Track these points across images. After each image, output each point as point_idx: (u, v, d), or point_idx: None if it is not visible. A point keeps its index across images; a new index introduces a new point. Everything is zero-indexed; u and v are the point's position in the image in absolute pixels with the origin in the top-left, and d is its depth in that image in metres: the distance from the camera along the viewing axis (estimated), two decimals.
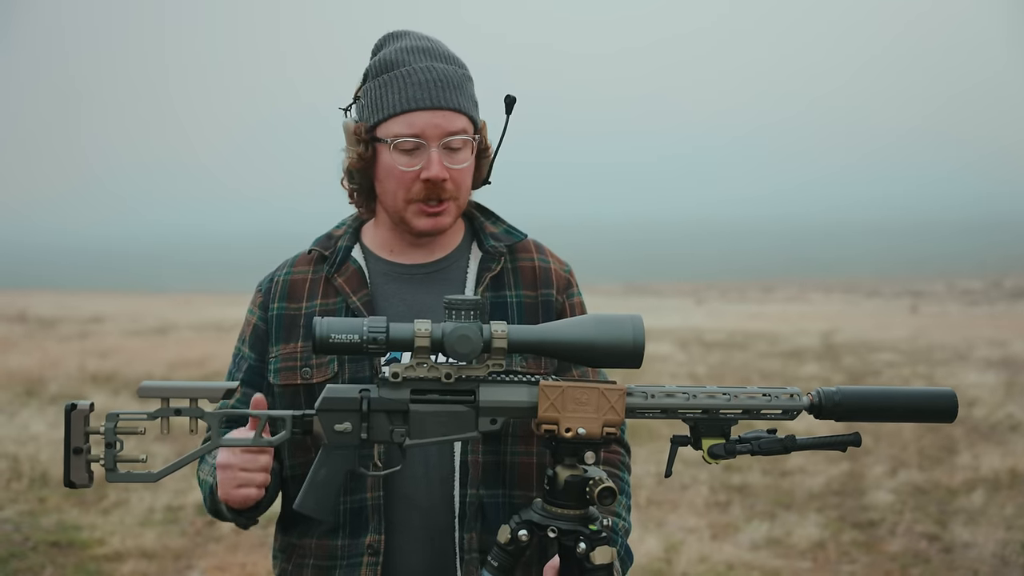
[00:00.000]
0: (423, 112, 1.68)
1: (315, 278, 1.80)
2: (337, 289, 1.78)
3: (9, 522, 5.54)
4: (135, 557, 5.09)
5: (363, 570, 1.69)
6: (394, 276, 1.80)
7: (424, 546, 1.72)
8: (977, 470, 6.87)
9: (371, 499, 1.70)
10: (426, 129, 1.68)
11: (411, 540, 1.72)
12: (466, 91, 1.73)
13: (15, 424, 8.02)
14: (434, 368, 1.50)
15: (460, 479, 1.71)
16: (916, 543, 5.45)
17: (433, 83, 1.69)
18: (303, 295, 1.80)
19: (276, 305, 1.80)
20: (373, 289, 1.78)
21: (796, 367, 12.49)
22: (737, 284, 45.13)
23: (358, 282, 1.78)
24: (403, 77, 1.70)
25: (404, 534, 1.72)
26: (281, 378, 1.75)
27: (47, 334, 17.05)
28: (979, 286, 36.76)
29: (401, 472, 1.68)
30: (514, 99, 1.77)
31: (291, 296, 1.80)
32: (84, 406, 1.48)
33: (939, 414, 1.53)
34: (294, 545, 1.77)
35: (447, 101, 1.69)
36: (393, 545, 1.71)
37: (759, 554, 5.28)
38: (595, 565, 1.50)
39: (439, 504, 1.72)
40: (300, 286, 1.80)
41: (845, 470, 7.00)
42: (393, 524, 1.71)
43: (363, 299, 1.76)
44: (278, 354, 1.77)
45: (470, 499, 1.71)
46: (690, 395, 1.51)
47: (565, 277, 1.87)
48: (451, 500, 1.72)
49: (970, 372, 11.54)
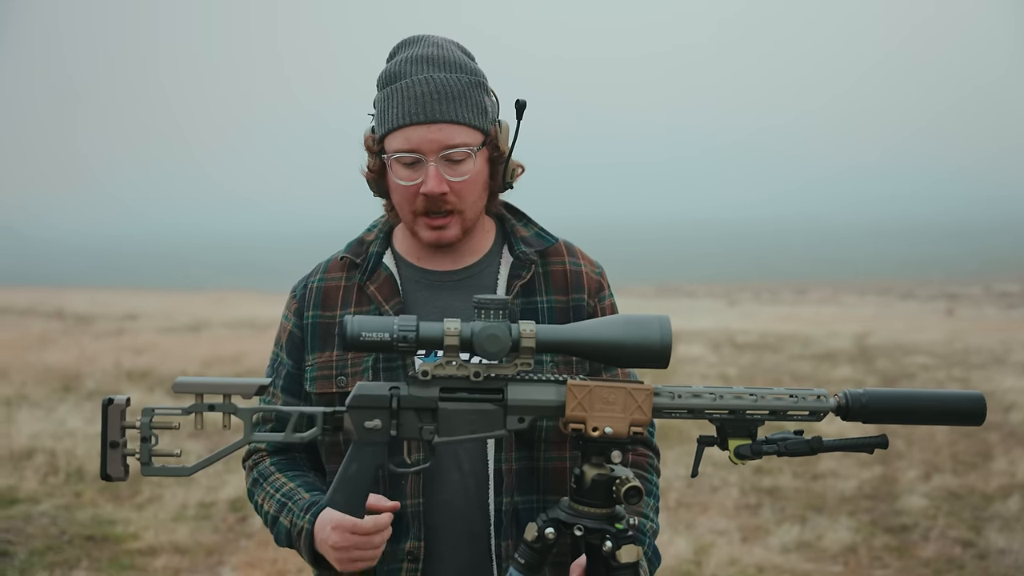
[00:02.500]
0: (419, 127, 1.67)
1: (348, 285, 1.81)
2: (370, 297, 1.78)
3: (46, 515, 5.63)
4: (168, 552, 5.16)
5: (403, 575, 1.71)
6: (426, 284, 1.80)
7: (461, 553, 1.73)
8: (1013, 476, 6.79)
9: (411, 506, 1.71)
10: (422, 144, 1.67)
11: (449, 546, 1.72)
12: (469, 100, 1.69)
13: (52, 419, 8.14)
14: (463, 367, 1.51)
15: (495, 487, 1.72)
16: (950, 549, 5.39)
17: (429, 96, 1.67)
18: (337, 303, 1.80)
19: (311, 313, 1.80)
20: (405, 296, 1.78)
21: (829, 370, 12.39)
22: (770, 286, 44.82)
23: (390, 290, 1.78)
24: (402, 90, 1.69)
25: (443, 540, 1.72)
26: (317, 386, 1.76)
27: (84, 331, 17.29)
28: (1017, 289, 36.24)
29: (438, 478, 1.70)
30: (524, 103, 1.74)
31: (325, 304, 1.80)
32: (121, 401, 1.51)
33: (968, 417, 1.52)
34: None
35: (443, 114, 1.67)
36: (431, 551, 1.72)
37: (789, 557, 5.25)
38: (621, 564, 1.51)
39: (475, 510, 1.72)
40: (334, 293, 1.80)
41: (878, 474, 6.94)
42: (432, 530, 1.72)
43: (395, 307, 1.76)
44: (314, 362, 1.78)
45: (505, 506, 1.71)
46: (717, 396, 1.52)
47: (596, 280, 1.86)
48: (486, 507, 1.72)
49: (1007, 376, 11.38)
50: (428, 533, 1.71)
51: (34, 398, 9.40)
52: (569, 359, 1.74)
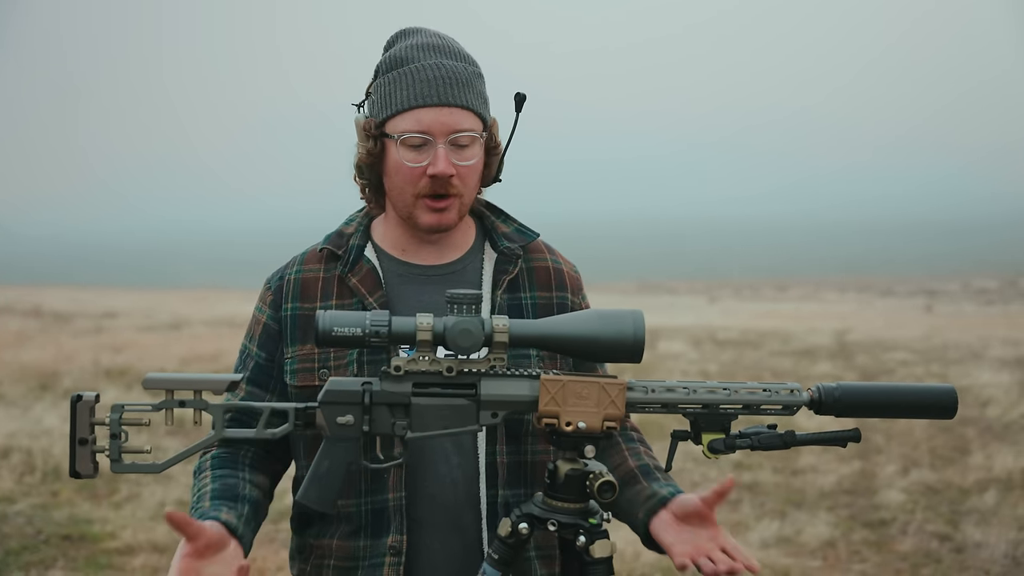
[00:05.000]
0: (430, 109, 1.68)
1: (327, 277, 1.78)
2: (352, 290, 1.76)
3: (22, 515, 5.59)
4: (146, 551, 5.12)
5: (385, 570, 1.69)
6: (409, 278, 1.79)
7: (448, 546, 1.72)
8: (990, 470, 6.84)
9: (392, 499, 1.69)
10: (433, 126, 1.68)
11: (435, 540, 1.71)
12: (475, 88, 1.72)
13: (29, 418, 8.08)
14: (436, 362, 1.50)
15: (487, 479, 1.71)
16: (927, 543, 5.43)
17: (441, 80, 1.69)
18: (316, 294, 1.77)
19: (290, 305, 1.78)
20: (388, 290, 1.77)
21: (808, 366, 12.45)
22: (751, 282, 45.03)
23: (373, 283, 1.76)
24: (412, 74, 1.70)
25: (428, 534, 1.71)
26: (298, 379, 1.74)
27: (62, 329, 17.16)
28: (995, 285, 36.56)
29: (424, 472, 1.69)
30: (524, 96, 1.76)
31: (304, 296, 1.78)
32: (90, 397, 1.50)
33: (940, 410, 1.53)
34: (311, 546, 1.77)
35: (455, 98, 1.69)
36: (416, 545, 1.71)
37: (769, 552, 5.27)
38: (595, 559, 1.51)
39: (464, 504, 1.72)
40: (313, 285, 1.78)
41: (856, 469, 6.98)
42: (417, 524, 1.71)
43: (379, 300, 1.74)
44: (294, 355, 1.75)
45: (500, 499, 1.71)
46: (690, 390, 1.51)
47: (576, 278, 1.89)
48: (477, 500, 1.72)
49: (984, 371, 11.47)
50: (411, 526, 1.70)
51: (10, 397, 9.33)
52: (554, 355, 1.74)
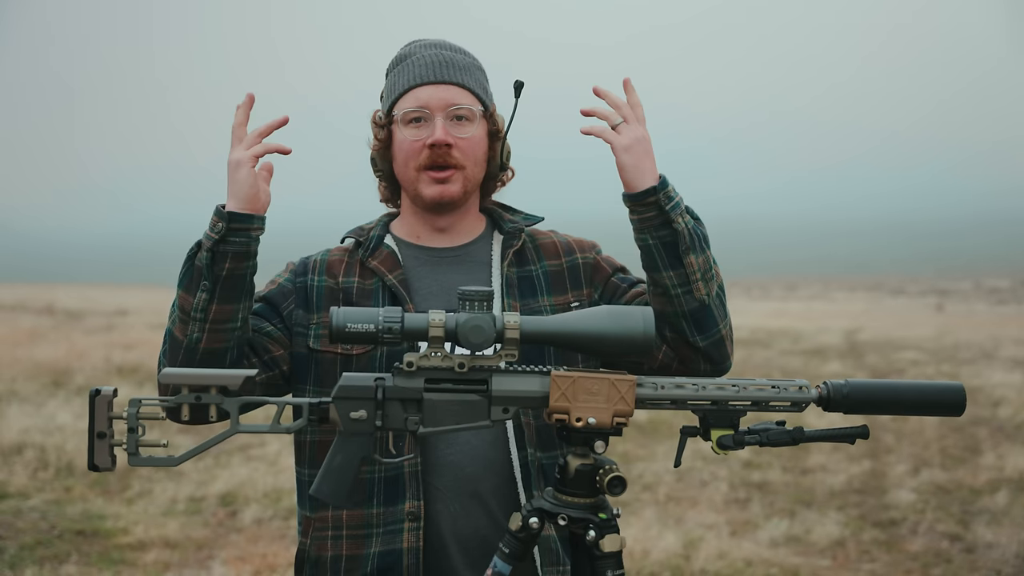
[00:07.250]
0: (427, 86, 1.82)
1: (351, 261, 1.90)
2: (373, 270, 1.87)
3: (35, 510, 5.63)
4: (158, 547, 5.16)
5: (405, 535, 1.74)
6: (424, 259, 1.90)
7: (472, 510, 1.77)
8: (1001, 470, 6.83)
9: (408, 466, 1.75)
10: (430, 101, 1.81)
11: (456, 504, 1.77)
12: (473, 74, 1.86)
13: (42, 414, 8.12)
14: (448, 358, 1.52)
15: (517, 441, 1.77)
16: (938, 543, 5.42)
17: (439, 62, 1.84)
18: (340, 272, 1.88)
19: (316, 278, 1.87)
20: (407, 271, 1.87)
21: (819, 365, 12.43)
22: (761, 281, 44.93)
23: (392, 263, 1.87)
24: (413, 62, 1.86)
25: (448, 499, 1.76)
26: (321, 344, 1.81)
27: (74, 326, 17.25)
28: (1007, 285, 36.39)
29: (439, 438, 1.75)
30: (522, 84, 1.84)
31: (330, 272, 1.88)
32: (108, 392, 1.52)
33: (948, 407, 1.54)
34: (320, 518, 1.80)
35: (451, 76, 1.83)
36: (434, 510, 1.76)
37: (778, 551, 5.27)
38: (604, 553, 1.53)
39: (493, 466, 1.77)
40: (337, 264, 1.89)
41: (867, 468, 6.97)
42: (436, 489, 1.76)
43: (398, 277, 1.85)
44: (319, 321, 1.83)
45: (531, 460, 1.77)
46: (699, 387, 1.53)
47: (585, 241, 1.97)
48: (508, 463, 1.77)
49: (996, 371, 11.44)
50: (428, 492, 1.75)
51: (24, 393, 9.38)
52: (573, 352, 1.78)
